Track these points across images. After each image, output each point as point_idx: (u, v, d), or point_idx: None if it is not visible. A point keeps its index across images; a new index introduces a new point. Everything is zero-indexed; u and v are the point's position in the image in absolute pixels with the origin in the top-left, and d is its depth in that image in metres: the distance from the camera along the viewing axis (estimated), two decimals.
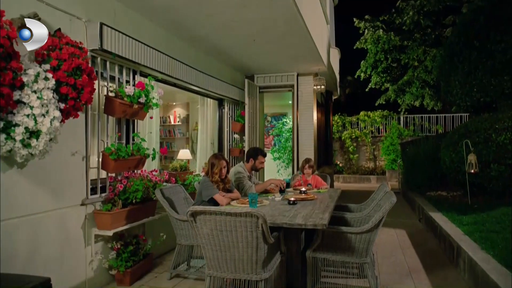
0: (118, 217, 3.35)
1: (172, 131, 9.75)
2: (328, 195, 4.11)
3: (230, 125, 6.69)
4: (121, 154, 3.32)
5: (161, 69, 4.30)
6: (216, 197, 3.44)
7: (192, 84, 5.18)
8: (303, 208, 3.26)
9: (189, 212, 2.55)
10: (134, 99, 3.47)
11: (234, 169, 4.21)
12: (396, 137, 12.98)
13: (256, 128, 7.18)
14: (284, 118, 10.36)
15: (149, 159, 4.72)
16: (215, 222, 2.53)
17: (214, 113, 6.54)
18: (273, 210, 3.14)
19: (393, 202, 2.89)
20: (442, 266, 3.96)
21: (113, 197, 3.45)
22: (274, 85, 7.41)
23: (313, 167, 4.81)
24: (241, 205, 3.40)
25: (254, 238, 2.50)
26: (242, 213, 2.43)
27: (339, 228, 3.01)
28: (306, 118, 7.44)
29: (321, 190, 4.43)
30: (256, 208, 3.21)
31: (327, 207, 3.29)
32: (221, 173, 3.52)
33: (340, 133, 14.44)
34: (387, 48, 15.45)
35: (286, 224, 2.71)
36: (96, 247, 3.36)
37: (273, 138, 10.59)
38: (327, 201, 3.64)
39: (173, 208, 3.74)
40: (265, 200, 3.61)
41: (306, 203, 3.50)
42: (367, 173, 13.65)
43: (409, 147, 8.84)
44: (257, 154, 4.27)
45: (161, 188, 3.65)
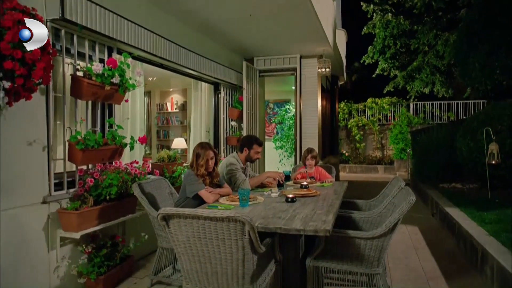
0: (88, 216, 2.88)
1: (169, 119, 9.27)
2: (333, 190, 3.60)
3: (227, 111, 6.17)
4: (90, 144, 2.83)
5: (144, 46, 3.78)
6: (201, 194, 2.95)
7: (183, 66, 4.66)
8: (303, 207, 2.76)
9: (159, 215, 2.06)
10: (105, 79, 2.97)
11: (226, 161, 3.71)
12: (405, 125, 12.38)
13: (256, 115, 6.66)
14: (287, 105, 9.80)
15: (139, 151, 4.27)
16: (192, 227, 2.05)
17: (209, 98, 6.02)
18: (267, 210, 2.64)
19: (412, 202, 2.38)
20: (463, 272, 3.46)
21: (82, 194, 2.97)
22: (276, 68, 6.85)
23: (316, 157, 4.29)
24: (230, 202, 2.91)
25: (239, 248, 2.02)
26: (224, 217, 1.94)
27: (345, 232, 2.51)
28: (310, 104, 6.90)
29: (325, 184, 3.93)
30: (247, 208, 2.72)
31: (332, 206, 2.78)
32: (208, 165, 3.03)
33: (346, 121, 13.85)
34: (396, 33, 14.70)
35: (281, 229, 2.21)
36: (62, 251, 2.90)
37: (276, 126, 10.06)
38: (332, 198, 3.13)
39: (155, 205, 3.27)
40: (259, 197, 3.12)
41: (307, 201, 3.00)
42: (374, 162, 13.10)
43: (420, 136, 8.27)
44: (251, 143, 3.77)
45: (140, 183, 3.17)
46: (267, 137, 9.88)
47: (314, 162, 4.26)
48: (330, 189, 3.64)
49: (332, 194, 3.31)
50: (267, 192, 3.32)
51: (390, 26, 14.39)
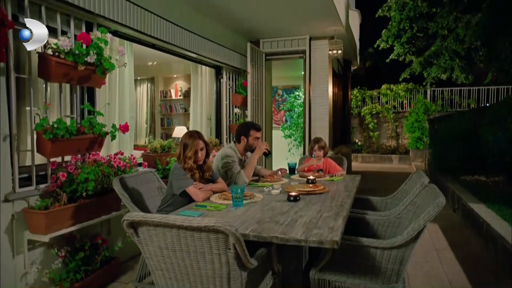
0: (59, 216, 2.51)
1: (173, 106, 8.88)
2: (343, 185, 3.15)
3: (230, 97, 5.73)
4: (59, 133, 2.43)
5: (130, 23, 3.36)
6: (189, 191, 2.54)
7: (179, 47, 4.23)
8: (308, 207, 2.33)
9: (125, 221, 1.66)
10: (78, 58, 2.55)
11: (222, 152, 3.29)
12: (422, 112, 11.75)
13: (262, 102, 6.20)
14: (296, 91, 9.30)
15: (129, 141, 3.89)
16: (165, 237, 1.64)
17: (210, 83, 5.58)
18: (264, 212, 2.22)
19: (441, 205, 1.93)
20: (494, 280, 3.01)
21: (55, 190, 2.60)
22: (283, 51, 6.35)
23: (324, 148, 3.84)
24: (222, 201, 2.50)
25: (223, 264, 1.61)
26: (201, 226, 1.52)
27: (358, 240, 2.07)
28: (320, 90, 6.39)
29: (334, 178, 3.48)
30: (241, 208, 2.30)
31: (342, 206, 2.34)
32: (197, 157, 2.61)
33: (359, 109, 13.26)
34: (413, 16, 13.92)
35: (277, 238, 1.79)
36: (32, 256, 2.55)
37: (284, 114, 9.58)
38: (342, 196, 2.69)
39: (140, 202, 2.88)
40: (257, 194, 2.70)
41: (313, 199, 2.57)
42: (388, 152, 12.53)
43: (439, 124, 7.71)
44: (248, 129, 3.33)
45: (123, 177, 2.77)
46: (275, 125, 9.43)
47: (322, 153, 3.81)
48: (341, 184, 3.20)
49: (342, 191, 2.87)
50: (268, 188, 2.90)
51: (407, 9, 13.62)
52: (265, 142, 3.35)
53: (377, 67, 20.29)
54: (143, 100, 9.25)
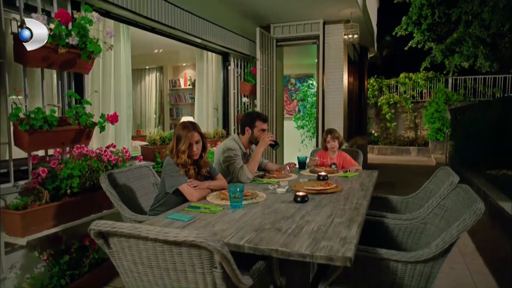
0: (38, 216, 2.25)
1: (182, 96, 8.62)
2: (359, 183, 2.81)
3: (238, 85, 5.40)
4: (37, 123, 2.16)
5: (124, 3, 3.06)
6: (182, 189, 2.25)
7: (181, 31, 3.92)
8: (317, 210, 2.01)
9: (91, 230, 1.38)
10: (59, 39, 2.27)
11: (223, 145, 2.98)
12: (443, 102, 11.17)
13: (272, 90, 5.85)
14: (309, 80, 8.89)
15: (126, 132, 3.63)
16: (139, 251, 1.36)
17: (217, 71, 5.27)
18: (265, 216, 1.91)
19: (479, 213, 1.59)
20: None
21: (35, 187, 2.35)
22: (295, 36, 5.96)
23: (339, 138, 3.49)
24: (219, 201, 2.20)
25: (209, 284, 1.31)
26: (179, 241, 1.22)
27: (375, 252, 1.75)
28: (334, 78, 5.99)
29: (349, 174, 3.14)
30: (240, 210, 1.99)
31: (356, 210, 2.01)
32: (192, 151, 2.31)
33: (376, 98, 12.73)
34: (434, 1, 13.22)
35: (277, 252, 1.48)
36: (11, 259, 2.31)
37: (297, 104, 9.20)
38: (357, 196, 2.36)
39: (132, 200, 2.63)
40: (260, 193, 2.39)
41: (323, 200, 2.25)
42: (406, 144, 12.02)
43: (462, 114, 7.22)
44: (253, 119, 3.01)
45: (112, 172, 2.50)
46: (288, 116, 9.07)
47: (337, 143, 3.46)
48: (356, 182, 2.86)
49: (357, 190, 2.53)
50: (273, 186, 2.58)
51: None
52: (269, 133, 3.03)
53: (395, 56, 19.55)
54: (152, 90, 9.03)
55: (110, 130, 3.42)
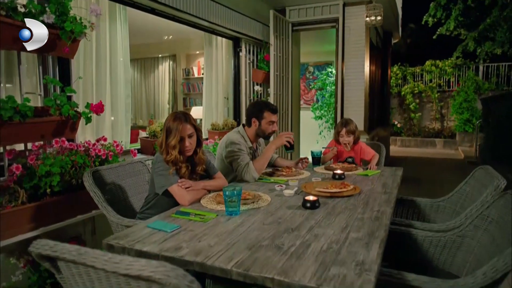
0: (12, 219, 1.99)
1: (195, 85, 8.33)
2: (380, 183, 2.43)
3: (250, 73, 5.05)
4: (5, 114, 1.88)
5: None
6: (172, 190, 1.93)
7: (185, 12, 3.58)
8: (330, 219, 1.66)
9: (32, 252, 1.07)
10: (32, 17, 1.97)
11: (226, 138, 2.65)
12: (472, 91, 10.45)
13: (288, 78, 5.46)
14: (329, 68, 8.42)
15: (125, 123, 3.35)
16: (91, 281, 1.05)
17: (227, 57, 4.92)
18: (265, 226, 1.57)
19: None
20: None
21: (10, 185, 2.08)
22: (312, 20, 5.53)
23: (355, 132, 3.09)
24: (215, 206, 1.87)
25: None
26: (132, 274, 0.90)
27: (400, 278, 1.38)
28: (355, 65, 5.54)
29: (369, 172, 2.75)
30: (238, 216, 1.66)
31: (378, 220, 1.65)
32: (183, 146, 1.98)
33: (400, 87, 12.09)
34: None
35: (273, 281, 1.14)
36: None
37: (315, 93, 8.76)
38: (379, 200, 1.98)
39: (122, 200, 2.36)
40: (264, 195, 2.05)
41: (337, 205, 1.89)
42: (431, 135, 11.39)
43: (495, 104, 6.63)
44: (261, 109, 2.66)
45: (98, 169, 2.22)
46: (306, 105, 8.68)
47: (352, 139, 3.07)
48: (377, 181, 2.47)
49: (379, 193, 2.15)
50: (280, 186, 2.24)
51: None
52: (288, 132, 2.67)
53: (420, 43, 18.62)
54: (165, 79, 8.79)
55: (106, 122, 3.14)
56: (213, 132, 4.29)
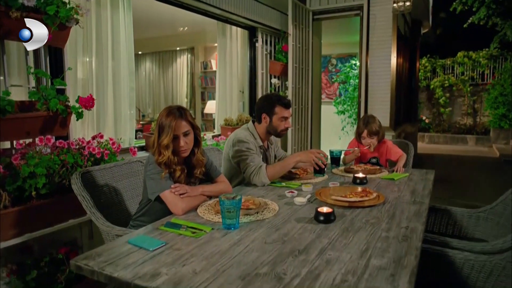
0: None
1: (214, 79, 8.10)
2: (409, 190, 2.09)
3: (267, 65, 4.75)
4: None
5: None
6: (164, 197, 1.68)
7: None
8: (346, 238, 1.36)
9: None
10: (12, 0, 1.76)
11: (233, 137, 2.37)
12: (510, 84, 9.74)
13: (308, 71, 5.13)
14: (352, 60, 8.00)
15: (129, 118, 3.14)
16: None
17: (242, 48, 4.64)
18: (266, 247, 1.30)
19: None
20: None
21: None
22: (335, 8, 5.16)
23: (378, 133, 2.73)
24: (214, 215, 1.61)
25: None
26: None
27: None
28: (381, 56, 5.13)
29: (395, 176, 2.42)
30: (236, 231, 1.40)
31: (408, 239, 1.33)
32: (178, 146, 1.73)
33: (428, 81, 11.45)
34: None
35: None
36: None
37: (338, 86, 8.35)
38: (408, 212, 1.66)
39: (117, 203, 2.14)
40: (271, 203, 1.77)
41: (357, 218, 1.59)
42: (462, 131, 10.74)
43: None
44: (272, 104, 2.36)
45: (89, 170, 2.00)
46: (328, 100, 8.30)
47: (375, 140, 2.73)
48: (405, 187, 2.14)
49: (407, 203, 1.83)
50: (291, 192, 1.95)
51: None
52: (321, 151, 2.27)
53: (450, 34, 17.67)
54: (183, 73, 8.61)
55: (108, 117, 2.94)
56: (226, 128, 4.04)
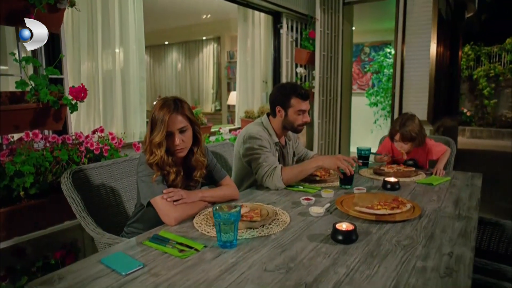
0: None
1: None
2: (451, 199, 1.74)
3: (292, 53, 4.42)
4: None
5: None
6: (155, 203, 1.44)
7: None
8: (369, 269, 1.06)
9: None
10: None
11: (245, 132, 2.10)
12: None
13: (337, 59, 4.76)
14: (387, 48, 7.46)
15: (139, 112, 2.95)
16: None
17: (266, 35, 4.33)
18: (264, 278, 1.02)
19: None
20: None
21: None
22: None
23: (416, 138, 2.31)
24: (209, 229, 1.35)
25: None
26: None
27: None
28: (419, 44, 4.65)
29: (434, 180, 2.06)
30: (234, 250, 1.13)
31: (451, 276, 1.01)
32: (172, 144, 1.47)
33: (471, 70, 10.62)
34: None
35: None
36: None
37: (371, 77, 7.85)
38: (451, 231, 1.33)
39: (115, 205, 1.93)
40: (282, 212, 1.49)
41: (385, 236, 1.28)
42: (508, 125, 9.90)
43: None
44: (287, 95, 2.07)
45: (82, 168, 1.80)
46: (360, 91, 7.85)
47: (409, 147, 2.34)
48: (447, 196, 1.79)
49: (450, 217, 1.49)
50: (307, 199, 1.66)
51: None
52: (348, 157, 1.90)
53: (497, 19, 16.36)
54: (210, 63, 8.44)
55: (117, 109, 2.75)
56: (246, 121, 3.78)
